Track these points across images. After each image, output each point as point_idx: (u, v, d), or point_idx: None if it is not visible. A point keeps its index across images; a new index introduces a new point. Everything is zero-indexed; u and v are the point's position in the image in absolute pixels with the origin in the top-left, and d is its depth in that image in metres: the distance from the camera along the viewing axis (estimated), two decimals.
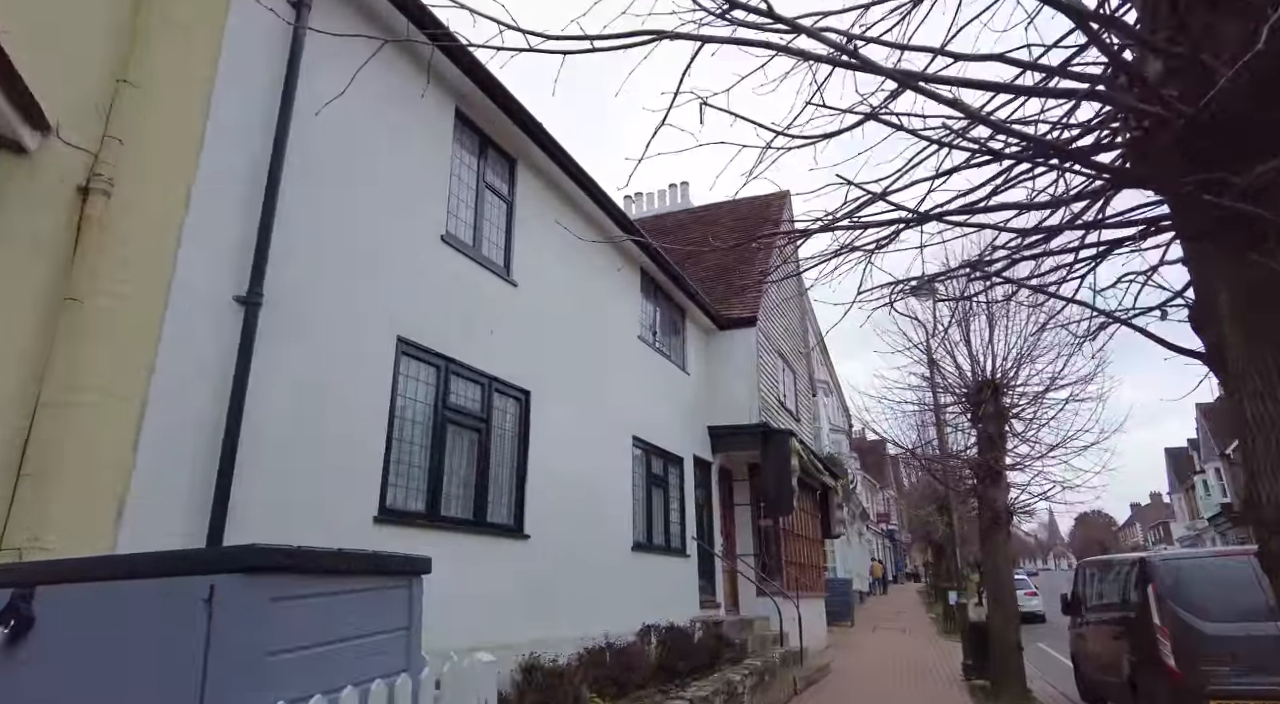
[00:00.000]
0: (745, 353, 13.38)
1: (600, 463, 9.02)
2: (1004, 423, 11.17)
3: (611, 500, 9.16)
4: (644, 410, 10.53)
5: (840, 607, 22.15)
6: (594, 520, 8.63)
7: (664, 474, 11.03)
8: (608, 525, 8.96)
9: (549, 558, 7.56)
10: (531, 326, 7.92)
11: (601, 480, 8.97)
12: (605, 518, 8.92)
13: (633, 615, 8.99)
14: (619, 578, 9.03)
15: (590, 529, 8.51)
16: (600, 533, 8.75)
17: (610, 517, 9.06)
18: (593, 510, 8.64)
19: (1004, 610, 10.35)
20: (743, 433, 12.89)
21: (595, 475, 8.83)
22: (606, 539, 8.88)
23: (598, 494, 8.83)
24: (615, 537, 9.14)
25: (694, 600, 11.25)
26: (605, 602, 8.57)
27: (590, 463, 8.76)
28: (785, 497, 12.54)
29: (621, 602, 8.93)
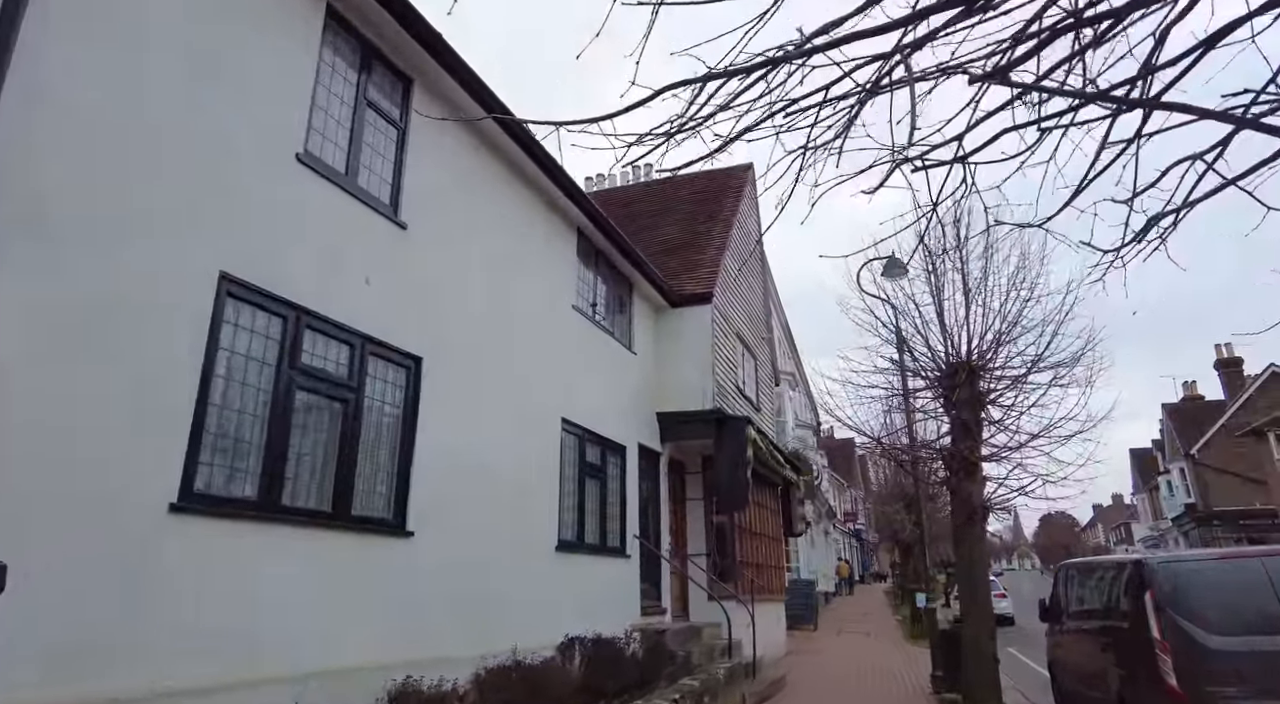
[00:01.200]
0: (700, 332, 12.15)
1: (518, 449, 7.70)
2: (980, 409, 10.07)
3: (532, 493, 7.85)
4: (578, 391, 9.23)
5: (803, 609, 21.10)
6: (507, 516, 7.31)
7: (601, 464, 9.75)
8: (525, 522, 7.65)
9: (440, 559, 6.22)
10: (427, 281, 6.58)
11: (518, 469, 7.65)
12: (522, 513, 7.61)
13: (554, 626, 7.69)
14: (538, 583, 7.72)
15: (501, 526, 7.19)
16: (515, 530, 7.43)
17: (529, 511, 7.75)
18: (505, 504, 7.32)
19: (978, 616, 9.24)
20: (694, 420, 11.66)
21: (510, 463, 7.50)
22: (523, 538, 7.57)
23: (513, 485, 7.51)
24: (535, 535, 7.83)
25: (635, 607, 9.99)
26: (518, 611, 7.26)
27: (504, 448, 7.44)
28: (739, 489, 11.34)
29: (540, 610, 7.63)
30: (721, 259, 13.00)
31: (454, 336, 6.85)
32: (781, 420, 24.72)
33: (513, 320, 7.93)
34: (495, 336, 7.57)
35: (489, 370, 7.36)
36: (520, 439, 7.75)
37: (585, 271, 10.03)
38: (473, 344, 7.15)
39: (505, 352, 7.71)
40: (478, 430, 7.00)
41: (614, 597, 9.41)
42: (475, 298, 7.28)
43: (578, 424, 9.09)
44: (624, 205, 15.58)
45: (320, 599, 5.02)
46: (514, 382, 7.79)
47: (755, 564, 13.84)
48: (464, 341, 7.00)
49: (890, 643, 18.38)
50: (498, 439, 7.33)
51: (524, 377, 7.98)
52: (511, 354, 7.82)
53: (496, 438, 7.31)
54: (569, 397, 8.94)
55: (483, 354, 7.29)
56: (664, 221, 14.61)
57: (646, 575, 10.74)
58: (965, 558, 9.70)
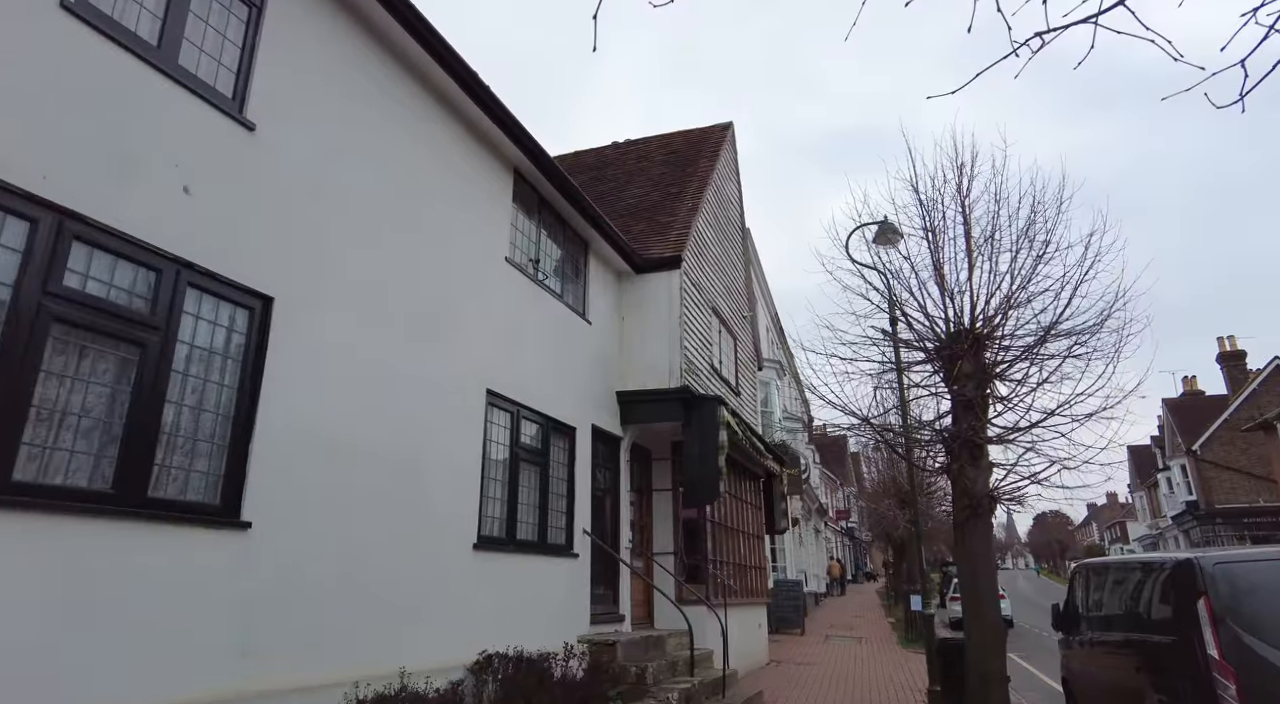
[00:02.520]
0: (667, 300, 10.71)
1: (422, 424, 6.25)
2: (986, 384, 8.67)
3: (441, 479, 6.39)
4: (513, 360, 7.79)
5: (789, 612, 19.72)
6: (401, 506, 5.86)
7: (543, 447, 8.31)
8: (430, 514, 6.20)
9: (294, 558, 4.77)
10: (285, 202, 5.11)
11: (421, 449, 6.20)
12: (425, 503, 6.15)
13: (467, 641, 6.26)
14: (447, 588, 6.27)
15: (391, 518, 5.74)
16: (413, 524, 5.98)
17: (436, 501, 6.30)
18: (399, 492, 5.87)
19: (984, 626, 7.84)
20: (659, 399, 10.23)
21: (409, 441, 6.05)
22: (425, 533, 6.11)
23: (412, 468, 6.06)
24: (445, 530, 6.38)
25: (583, 614, 8.55)
26: (414, 623, 5.82)
27: (400, 423, 5.99)
28: (710, 479, 9.91)
29: (449, 622, 6.19)
30: (694, 220, 11.56)
31: (327, 277, 5.39)
32: (768, 411, 23.33)
33: (419, 267, 6.48)
34: (393, 284, 6.11)
35: (382, 324, 5.91)
36: (426, 412, 6.30)
37: (525, 222, 8.58)
38: (357, 289, 5.69)
39: (407, 303, 6.26)
40: (360, 398, 5.54)
41: (555, 603, 7.97)
42: (361, 233, 5.81)
43: (510, 398, 7.64)
44: (593, 169, 14.14)
45: (80, 614, 3.57)
46: (419, 341, 6.34)
47: (733, 563, 12.43)
48: (343, 284, 5.54)
49: (883, 649, 16.99)
50: (391, 410, 5.88)
51: (433, 336, 6.53)
52: (416, 307, 6.37)
53: (389, 409, 5.86)
54: (499, 365, 7.49)
55: (373, 303, 5.84)
56: (633, 184, 13.17)
57: (600, 578, 9.31)
58: (968, 558, 8.29)
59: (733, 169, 14.78)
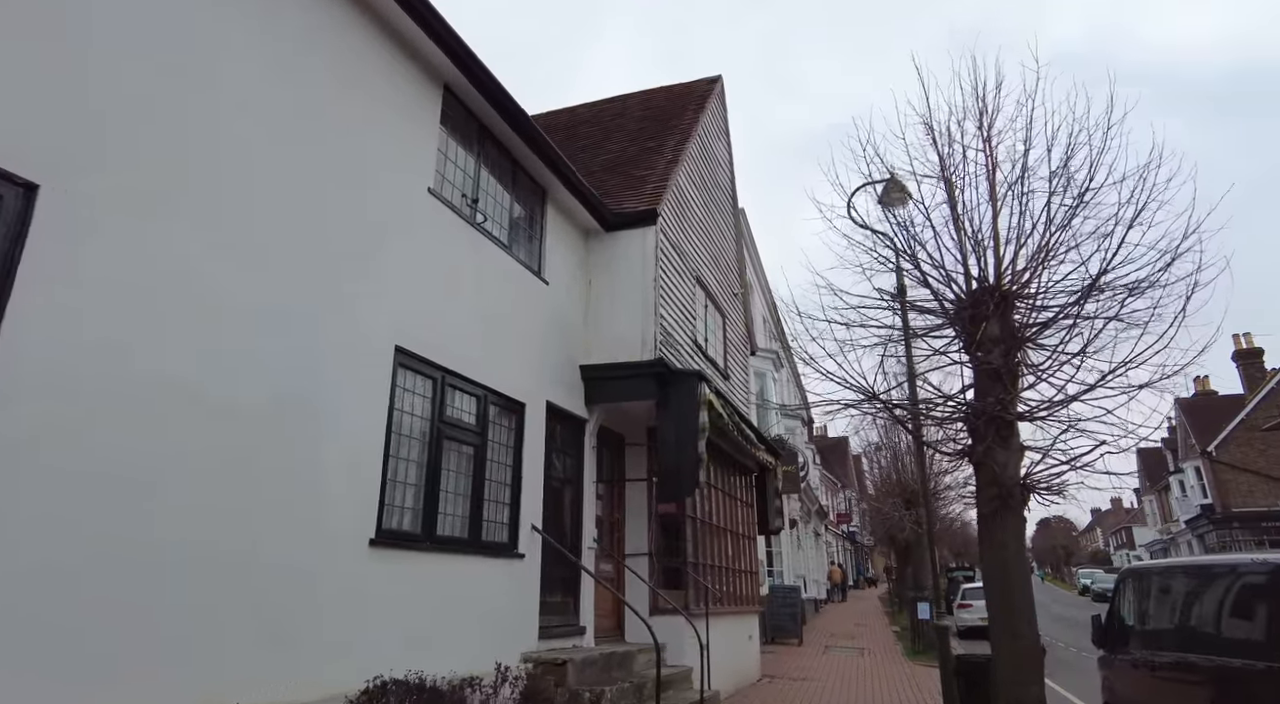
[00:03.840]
0: (641, 260, 9.25)
1: (294, 380, 4.79)
2: (1016, 351, 7.23)
3: (321, 453, 4.93)
4: (437, 314, 6.34)
5: (786, 620, 18.22)
6: (258, 483, 4.40)
7: (480, 424, 6.85)
8: (303, 497, 4.73)
9: (57, 554, 3.33)
10: (53, 59, 3.69)
11: (292, 413, 4.74)
12: (297, 483, 4.69)
13: (351, 667, 4.80)
14: (326, 597, 4.80)
15: (243, 498, 4.28)
16: (276, 509, 4.52)
17: (312, 481, 4.83)
18: (257, 465, 4.41)
19: (1018, 644, 6.36)
20: (629, 374, 8.76)
21: (271, 401, 4.60)
22: (293, 523, 4.64)
23: (277, 437, 4.61)
24: (324, 519, 4.90)
25: (529, 627, 7.07)
26: (270, 645, 4.35)
27: (262, 375, 4.54)
28: (688, 467, 8.44)
29: (324, 642, 4.72)
30: (673, 174, 10.12)
31: (134, 167, 3.94)
32: (764, 405, 21.88)
33: (301, 189, 5.03)
34: (261, 204, 4.67)
35: (239, 251, 4.46)
36: (302, 367, 4.84)
37: (461, 153, 7.13)
38: (206, 205, 4.25)
39: (281, 231, 4.81)
40: (185, 335, 4.09)
41: (491, 614, 6.49)
42: (195, 115, 4.36)
43: (432, 361, 6.18)
44: (566, 128, 12.69)
45: None
46: (296, 277, 4.89)
47: (720, 567, 10.96)
48: (161, 181, 4.09)
49: (888, 661, 15.48)
50: (251, 360, 4.43)
51: (317, 273, 5.08)
52: (293, 236, 4.92)
53: (246, 357, 4.41)
54: (416, 319, 6.04)
55: (229, 225, 4.39)
56: (609, 141, 11.74)
57: (555, 583, 7.84)
58: (997, 559, 6.82)
59: (721, 128, 13.35)
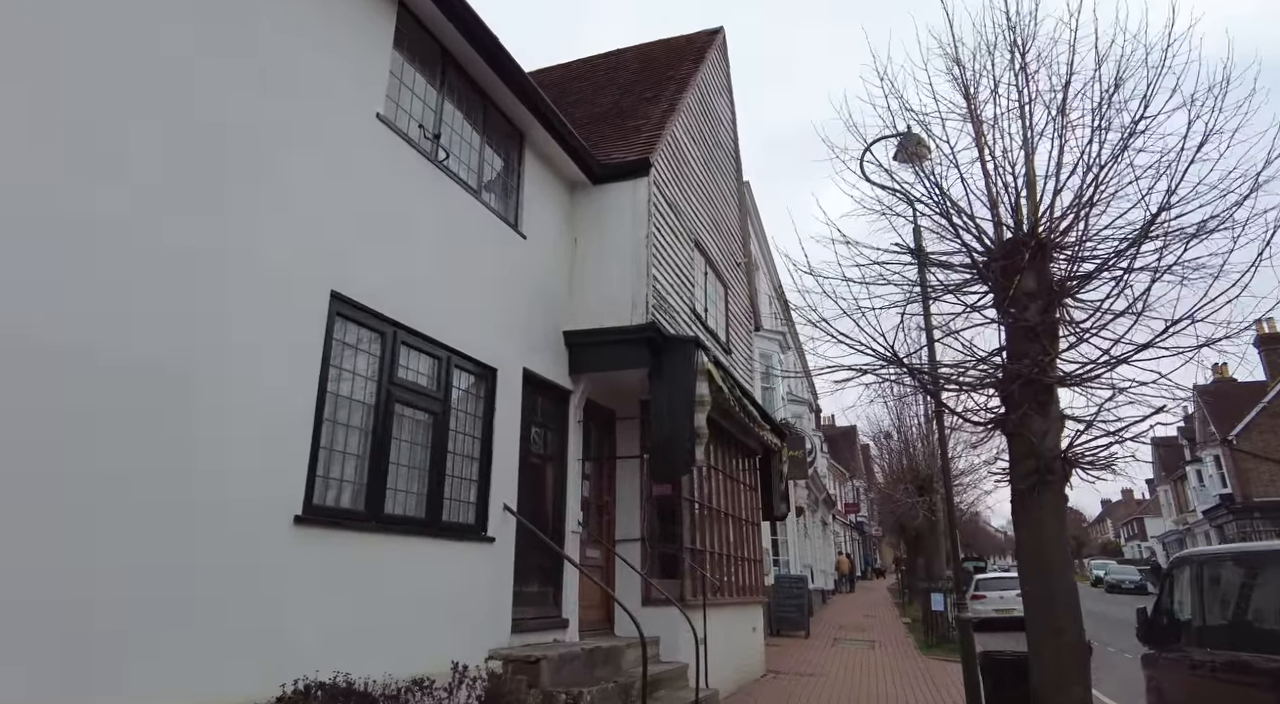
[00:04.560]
0: (632, 215, 8.35)
1: (195, 324, 3.95)
2: (1055, 307, 6.33)
3: (227, 416, 4.08)
4: (386, 259, 5.48)
5: (792, 612, 17.40)
6: (142, 457, 3.56)
7: (441, 390, 6.00)
8: (204, 471, 3.89)
9: None
10: None
11: (194, 364, 3.90)
12: (193, 454, 3.85)
13: (270, 667, 3.97)
14: (237, 586, 3.97)
15: (119, 477, 3.45)
16: (164, 487, 3.68)
17: (212, 451, 3.98)
18: (145, 435, 3.58)
19: (1061, 642, 5.48)
20: (620, 340, 7.89)
21: (165, 348, 3.75)
22: (190, 502, 3.80)
23: (175, 391, 3.77)
24: (233, 495, 4.06)
25: (500, 620, 6.24)
26: (152, 646, 3.52)
27: (150, 316, 3.69)
28: (683, 443, 7.58)
29: (236, 639, 3.89)
30: (669, 123, 9.20)
31: None
32: (770, 388, 21.00)
33: (213, 95, 4.17)
34: (155, 112, 3.81)
35: (125, 164, 3.61)
36: (207, 311, 3.99)
37: (420, 81, 6.24)
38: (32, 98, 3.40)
39: (181, 142, 3.96)
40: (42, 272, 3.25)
41: (453, 606, 5.66)
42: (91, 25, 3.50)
43: (380, 313, 5.33)
44: (558, 84, 11.77)
45: None
46: (182, 195, 4.03)
47: (721, 555, 10.13)
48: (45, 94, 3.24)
49: (901, 655, 14.65)
50: (135, 297, 3.58)
51: (219, 192, 4.21)
52: (200, 149, 4.06)
53: (129, 293, 3.56)
54: (360, 263, 5.18)
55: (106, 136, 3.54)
56: (601, 95, 10.83)
57: (533, 571, 7.01)
58: (1032, 544, 5.93)
59: (724, 84, 12.40)
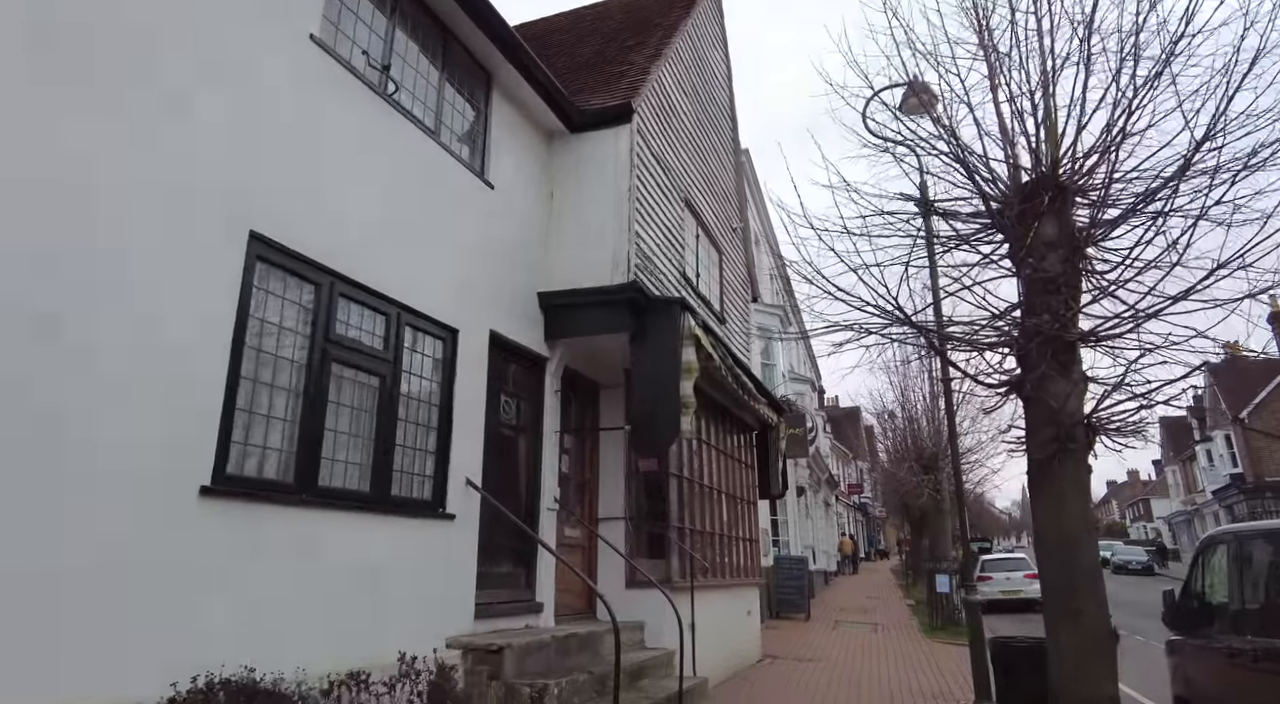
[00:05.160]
0: (613, 165, 7.68)
1: (72, 261, 3.33)
2: (1078, 255, 5.67)
3: (113, 369, 3.48)
4: (322, 200, 4.85)
5: (792, 594, 16.90)
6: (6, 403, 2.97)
7: (390, 351, 5.38)
8: (80, 437, 3.29)
9: None
10: None
11: (74, 307, 3.29)
12: (68, 417, 3.26)
13: (157, 663, 3.40)
14: (116, 569, 3.39)
15: None
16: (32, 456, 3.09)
17: (94, 411, 3.39)
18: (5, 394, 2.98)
19: (1084, 628, 4.87)
20: (599, 302, 7.25)
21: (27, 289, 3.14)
22: (67, 471, 3.21)
23: (38, 343, 3.16)
24: (122, 462, 3.46)
25: (459, 605, 5.67)
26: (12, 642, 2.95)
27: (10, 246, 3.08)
28: (667, 414, 6.97)
29: (105, 633, 3.31)
30: (655, 68, 8.50)
31: None
32: (770, 365, 20.37)
33: None
34: None
35: None
36: (77, 239, 3.37)
37: (363, 3, 5.57)
38: None
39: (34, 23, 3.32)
40: None
41: (403, 589, 5.08)
42: None
43: (315, 261, 4.70)
44: (540, 37, 11.03)
45: None
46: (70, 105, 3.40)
47: (711, 534, 9.56)
48: None
49: (904, 638, 14.13)
50: None
51: (107, 104, 3.58)
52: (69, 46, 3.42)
53: None
54: (290, 204, 4.55)
55: None
56: (583, 45, 10.11)
57: (502, 551, 6.43)
58: (1050, 518, 5.30)
59: (718, 37, 11.64)
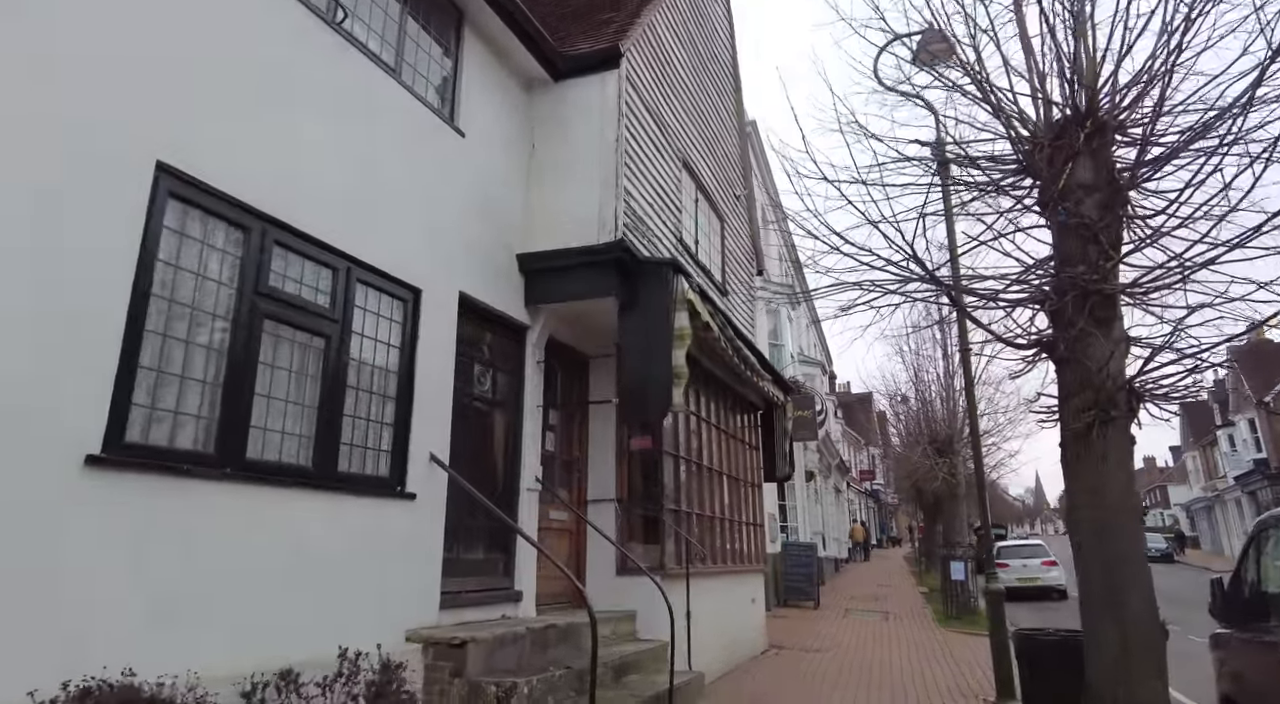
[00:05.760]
0: (599, 115, 7.03)
1: None
2: (1119, 200, 4.98)
3: None
4: (253, 132, 4.25)
5: (800, 581, 16.34)
6: None
7: (338, 309, 4.79)
8: None
9: None
10: None
11: None
12: None
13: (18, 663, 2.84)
14: None
15: None
16: None
17: None
18: None
19: (1127, 624, 4.23)
20: (581, 262, 6.61)
21: None
22: None
23: None
24: None
25: (422, 594, 5.10)
26: None
27: None
28: (657, 385, 6.35)
29: None
30: (646, 12, 7.82)
31: None
32: (778, 345, 19.72)
33: None
34: None
35: None
36: None
37: None
38: None
39: None
40: None
41: (354, 576, 4.51)
42: None
43: (241, 201, 4.10)
44: None
45: None
46: None
47: (712, 518, 8.98)
48: None
49: (917, 627, 13.53)
50: None
51: None
52: None
53: None
54: (209, 134, 3.95)
55: None
56: None
57: (476, 535, 5.86)
58: (1087, 497, 4.65)
59: None
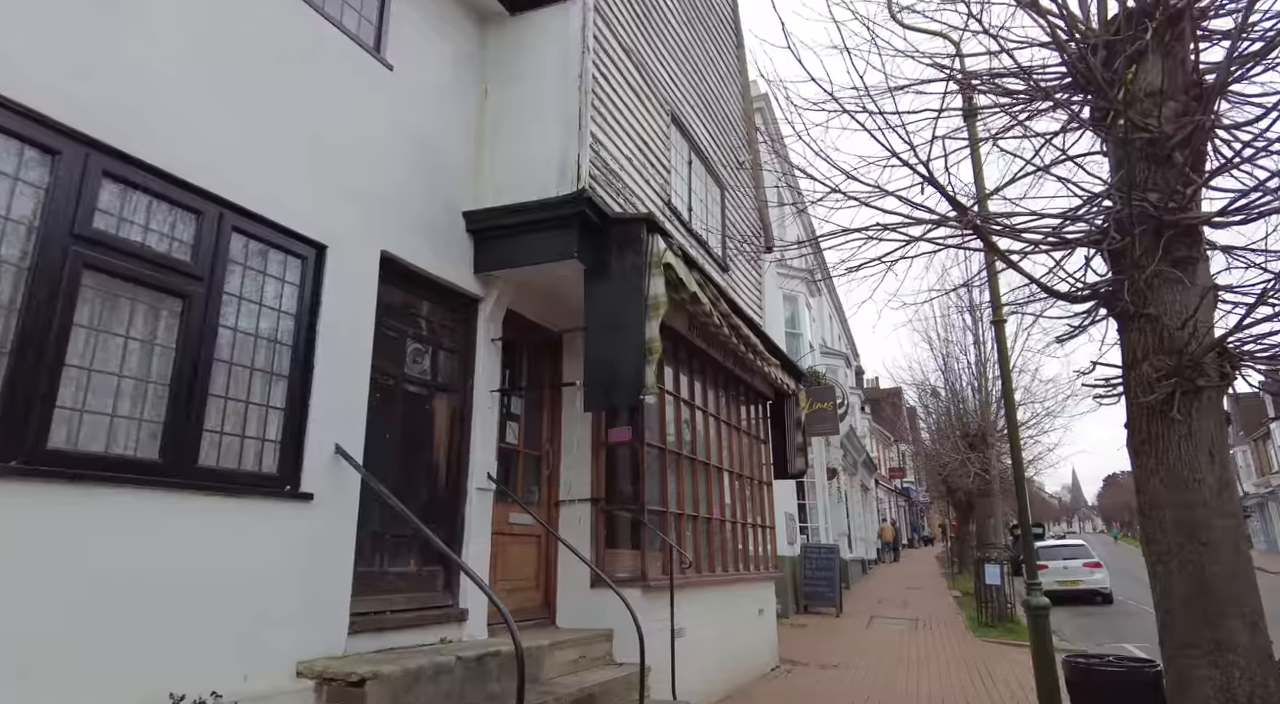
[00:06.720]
0: (560, 49, 6.00)
1: None
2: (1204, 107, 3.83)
3: None
4: (76, 29, 3.32)
5: (821, 585, 15.18)
6: None
7: (203, 264, 3.83)
8: None
9: None
10: None
11: None
12: None
13: None
14: None
15: None
16: None
17: None
18: None
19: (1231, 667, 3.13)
20: (538, 219, 5.59)
21: None
22: None
23: None
24: None
25: (325, 616, 4.14)
26: None
27: None
28: (626, 364, 5.32)
29: None
30: None
31: None
32: (796, 333, 18.56)
33: None
34: None
35: None
36: None
37: None
38: None
39: None
40: None
41: (221, 597, 3.56)
42: None
43: (46, 116, 3.17)
44: None
45: None
46: None
47: (710, 520, 7.92)
48: None
49: (949, 639, 12.31)
50: None
51: None
52: None
53: None
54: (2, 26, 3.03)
55: None
56: None
57: (402, 545, 4.88)
58: (1167, 496, 3.53)
59: None
